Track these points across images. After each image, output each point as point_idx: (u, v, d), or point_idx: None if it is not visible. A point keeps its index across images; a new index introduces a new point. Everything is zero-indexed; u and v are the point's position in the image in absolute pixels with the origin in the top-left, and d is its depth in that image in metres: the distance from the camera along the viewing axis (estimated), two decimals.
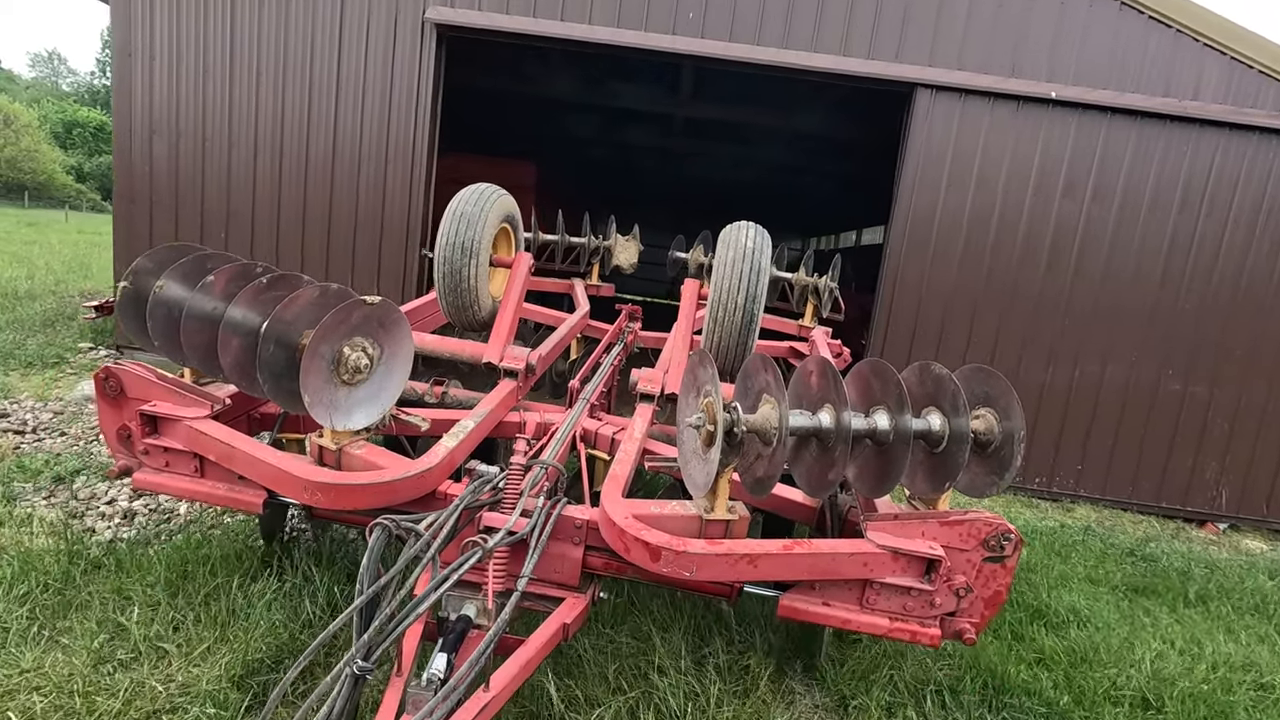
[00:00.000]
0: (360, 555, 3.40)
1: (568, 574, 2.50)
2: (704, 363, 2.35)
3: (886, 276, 6.59)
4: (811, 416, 2.33)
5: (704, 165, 14.55)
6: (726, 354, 3.56)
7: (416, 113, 6.60)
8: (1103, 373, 6.54)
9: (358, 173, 6.74)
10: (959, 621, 2.36)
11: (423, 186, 6.72)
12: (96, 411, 2.86)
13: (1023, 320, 6.56)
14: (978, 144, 6.39)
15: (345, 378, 2.50)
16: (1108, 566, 4.95)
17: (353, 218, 6.79)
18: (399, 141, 6.65)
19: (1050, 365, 6.56)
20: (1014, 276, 6.51)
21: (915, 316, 6.62)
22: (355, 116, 6.68)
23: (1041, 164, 6.40)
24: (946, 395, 2.38)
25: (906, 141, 6.44)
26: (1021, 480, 6.50)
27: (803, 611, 2.40)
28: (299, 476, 2.38)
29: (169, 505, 4.05)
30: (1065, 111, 6.31)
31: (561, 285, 5.69)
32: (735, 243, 3.58)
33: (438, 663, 2.01)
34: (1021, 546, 2.32)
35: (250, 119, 6.75)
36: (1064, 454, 6.64)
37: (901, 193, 6.48)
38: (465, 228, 3.60)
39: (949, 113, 6.34)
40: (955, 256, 6.52)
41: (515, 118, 11.92)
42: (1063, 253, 6.49)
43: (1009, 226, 6.47)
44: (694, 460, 2.38)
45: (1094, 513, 6.43)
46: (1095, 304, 6.52)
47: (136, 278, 2.87)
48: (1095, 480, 6.65)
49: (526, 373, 3.44)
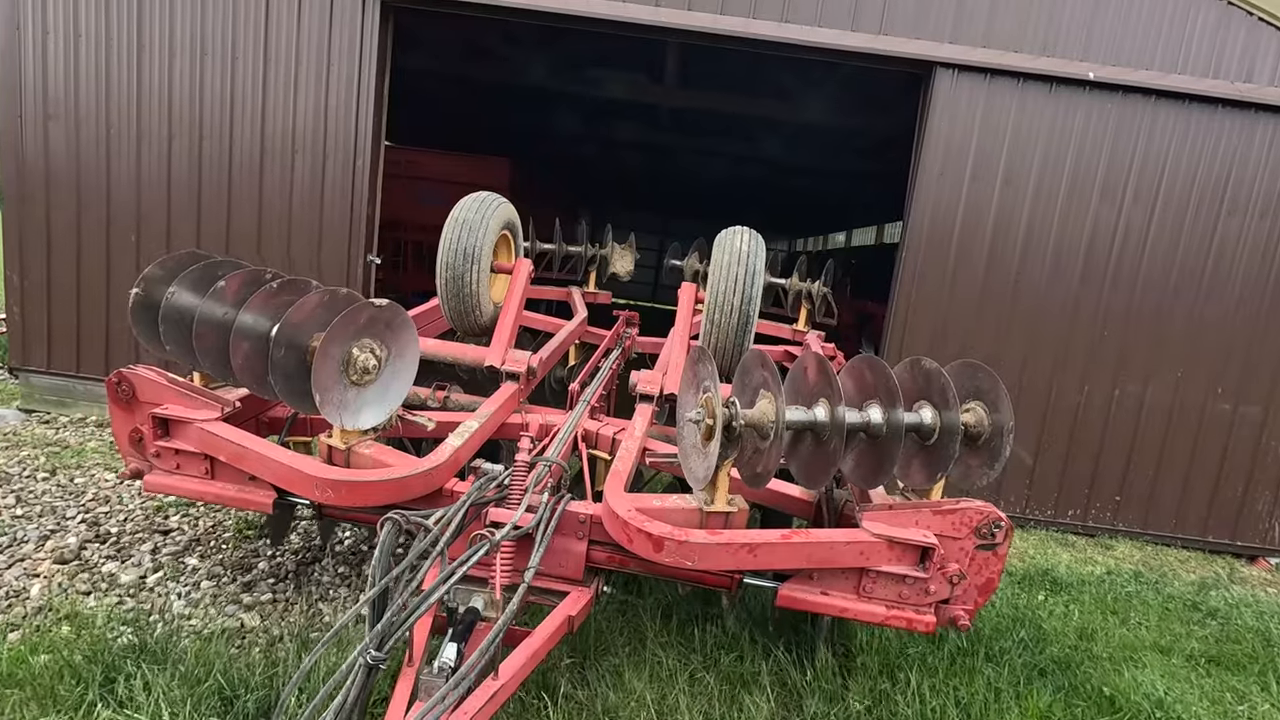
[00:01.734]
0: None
1: (572, 568, 2.57)
2: (703, 359, 2.43)
3: (902, 283, 5.69)
4: (807, 411, 2.41)
5: (692, 163, 13.71)
6: (723, 355, 3.65)
7: (359, 97, 5.64)
8: (1144, 393, 5.73)
9: (290, 167, 5.76)
10: (953, 608, 2.43)
11: (367, 183, 5.73)
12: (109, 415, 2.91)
13: (1055, 333, 5.70)
14: (1005, 132, 5.50)
15: (354, 378, 2.57)
16: (1174, 627, 4.30)
17: (285, 219, 5.82)
18: (338, 131, 5.69)
19: (1085, 384, 5.74)
20: (1045, 283, 5.65)
21: (933, 327, 5.73)
22: (287, 101, 5.68)
23: (1077, 155, 5.53)
24: (937, 389, 2.46)
25: (924, 130, 5.55)
26: (1054, 514, 5.84)
27: (801, 600, 2.47)
28: (311, 474, 2.45)
29: (19, 585, 3.27)
30: (1104, 95, 5.47)
31: (559, 293, 5.77)
32: (730, 247, 3.67)
33: (449, 652, 2.07)
34: (1012, 533, 2.40)
35: (163, 103, 5.72)
36: (1101, 484, 5.86)
37: (919, 189, 5.60)
38: (467, 234, 3.69)
39: (973, 96, 5.48)
40: (979, 260, 5.65)
41: (487, 110, 11.10)
42: (1099, 257, 5.64)
43: (1041, 226, 5.61)
44: (694, 454, 2.45)
45: (1135, 550, 5.72)
46: (1136, 315, 5.69)
47: (147, 284, 2.94)
48: (1136, 513, 5.88)
49: (528, 375, 3.51)
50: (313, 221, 5.82)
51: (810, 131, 9.62)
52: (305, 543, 4.03)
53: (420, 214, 9.35)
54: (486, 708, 2.01)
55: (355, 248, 5.82)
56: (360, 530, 4.15)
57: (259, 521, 4.04)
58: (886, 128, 8.24)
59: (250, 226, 5.88)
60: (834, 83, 7.49)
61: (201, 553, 3.79)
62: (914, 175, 5.61)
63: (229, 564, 3.70)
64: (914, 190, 5.59)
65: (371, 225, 5.85)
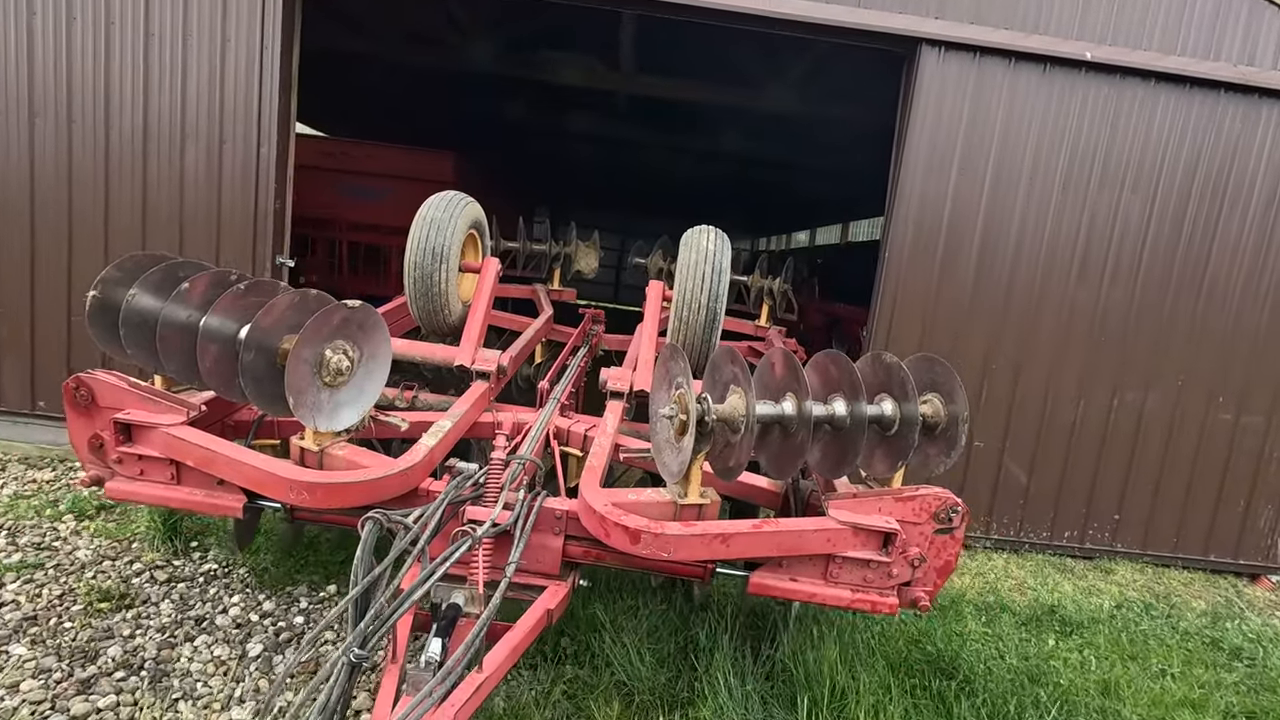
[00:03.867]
0: None
1: (549, 563, 2.61)
2: (675, 356, 2.51)
3: (884, 286, 5.13)
4: (776, 405, 2.51)
5: (654, 158, 13.15)
6: (692, 351, 3.74)
7: (262, 75, 4.91)
8: (1144, 402, 5.32)
9: (180, 155, 4.97)
10: (914, 590, 2.57)
11: (273, 174, 4.97)
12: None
13: (1050, 338, 5.25)
14: (996, 118, 5.04)
15: (327, 380, 2.57)
16: (1199, 674, 3.92)
17: (177, 216, 5.03)
18: (238, 114, 4.95)
19: (1081, 396, 5.31)
20: (1039, 284, 5.19)
21: (919, 334, 5.20)
22: (175, 78, 4.90)
23: (1074, 144, 5.09)
24: (897, 382, 2.59)
25: (908, 117, 5.03)
26: (1049, 535, 5.46)
27: (772, 588, 2.57)
28: (284, 477, 2.44)
29: None
30: (1101, 78, 5.05)
31: (524, 291, 5.78)
32: (698, 246, 3.76)
33: (434, 646, 2.11)
34: (968, 518, 2.55)
35: (22, 77, 4.88)
36: (1098, 503, 5.45)
37: (903, 182, 5.06)
38: (435, 233, 3.69)
39: (962, 78, 5.00)
40: (969, 259, 5.14)
41: (431, 100, 10.44)
42: (1096, 255, 5.19)
43: (1035, 222, 5.14)
44: (667, 449, 2.53)
45: (1136, 573, 5.33)
46: (1135, 317, 5.26)
47: (105, 287, 2.87)
48: (1134, 532, 5.50)
49: (498, 374, 3.54)
50: (208, 219, 5.06)
51: (778, 123, 9.16)
52: (178, 613, 3.38)
53: (357, 211, 8.91)
54: (472, 699, 2.05)
55: (261, 248, 5.05)
56: (251, 595, 3.60)
57: (119, 591, 3.47)
58: (860, 119, 7.89)
59: (133, 223, 5.06)
60: (805, 67, 7.06)
61: (36, 635, 3.09)
62: (896, 167, 5.09)
63: (68, 651, 3.01)
64: (897, 184, 5.08)
65: (281, 223, 5.10)
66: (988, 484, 5.32)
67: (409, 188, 8.29)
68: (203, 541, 4.08)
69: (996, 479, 5.32)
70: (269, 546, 3.95)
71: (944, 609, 4.13)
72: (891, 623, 3.76)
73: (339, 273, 9.13)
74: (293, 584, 3.75)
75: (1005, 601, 4.43)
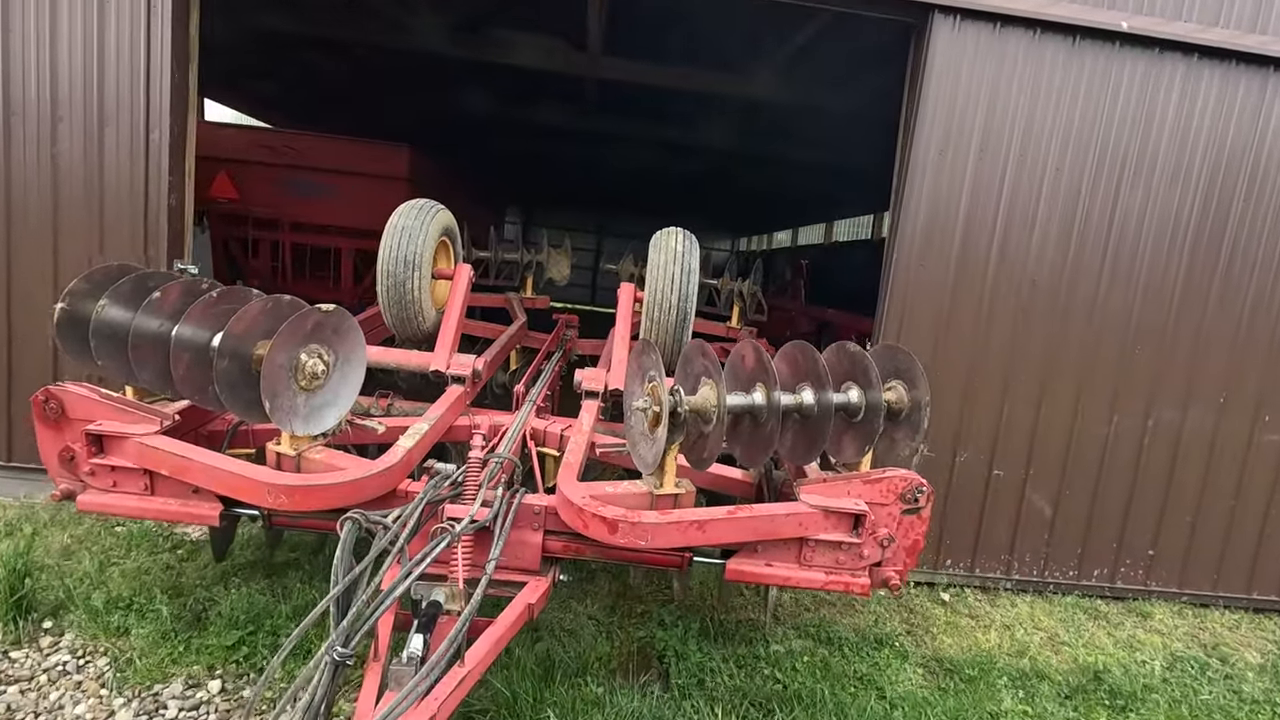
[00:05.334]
0: None
1: (529, 559, 2.65)
2: (648, 350, 2.57)
3: (892, 293, 4.41)
4: (746, 396, 2.58)
5: (625, 152, 12.12)
6: (664, 349, 3.80)
7: (150, 42, 4.11)
8: (1182, 421, 4.66)
9: (51, 140, 4.18)
10: (885, 570, 2.65)
11: (167, 163, 4.18)
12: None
13: (1079, 349, 4.55)
14: (1019, 97, 4.38)
15: (303, 384, 2.58)
16: None
17: (48, 213, 4.23)
18: (121, 90, 4.15)
19: (1114, 414, 4.61)
20: (1066, 287, 4.52)
21: (931, 346, 4.43)
22: (41, 47, 4.13)
23: (1106, 125, 4.45)
24: (861, 370, 2.69)
25: (919, 98, 4.36)
26: (1077, 575, 4.77)
27: (748, 574, 2.64)
28: (262, 481, 2.45)
29: None
30: (1136, 52, 4.42)
31: (497, 300, 5.82)
32: (666, 247, 3.84)
33: (415, 643, 2.13)
34: (933, 498, 2.64)
35: None
36: (1131, 537, 4.77)
37: (913, 173, 4.38)
38: (407, 241, 3.72)
39: (980, 52, 4.34)
40: (987, 259, 4.46)
41: (382, 89, 9.67)
42: (1130, 252, 4.54)
43: (1062, 215, 4.48)
44: (642, 441, 2.59)
45: (1175, 616, 4.68)
46: (1174, 324, 4.60)
47: (73, 299, 2.85)
48: (1170, 569, 4.84)
49: (474, 378, 3.57)
50: (88, 217, 4.24)
51: (762, 113, 8.43)
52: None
53: (302, 210, 8.15)
54: (455, 693, 2.08)
55: (155, 252, 4.22)
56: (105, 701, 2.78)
57: None
58: (850, 108, 7.24)
59: None
60: (795, 49, 6.34)
61: None
62: (906, 156, 4.41)
63: None
64: (905, 174, 4.40)
65: (180, 221, 4.33)
66: (1008, 518, 4.63)
67: (360, 184, 7.93)
68: (60, 621, 3.18)
69: (1018, 512, 4.62)
70: (146, 621, 3.18)
71: (973, 681, 3.53)
72: (914, 702, 3.26)
73: (283, 277, 8.35)
74: (164, 679, 2.89)
75: (1041, 666, 3.81)
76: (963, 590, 4.62)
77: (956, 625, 4.17)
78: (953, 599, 4.50)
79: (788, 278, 11.09)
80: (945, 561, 4.62)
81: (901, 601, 4.33)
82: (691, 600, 3.94)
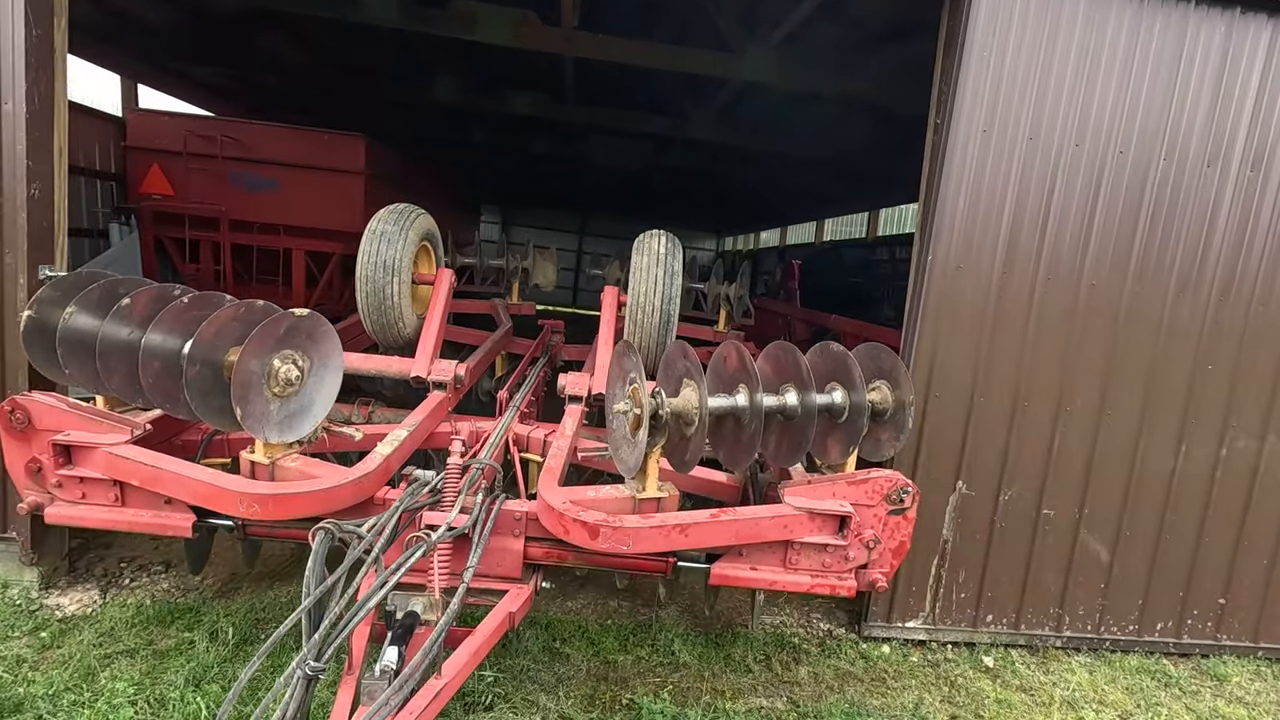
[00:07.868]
0: None
1: (510, 566, 2.60)
2: (628, 352, 2.53)
3: (926, 301, 3.68)
4: (729, 397, 2.54)
5: (602, 145, 11.34)
6: (648, 352, 3.77)
7: None
8: (1260, 450, 4.05)
9: None
10: (871, 572, 2.62)
11: (24, 145, 3.35)
12: None
13: (1142, 366, 3.91)
14: (1077, 66, 3.66)
15: (276, 390, 2.53)
16: None
17: None
18: None
19: (1183, 441, 4.00)
20: (1129, 294, 3.84)
21: (973, 362, 3.76)
22: None
23: (1180, 100, 3.74)
24: (845, 371, 2.66)
25: (958, 67, 3.59)
26: (1137, 629, 4.14)
27: (733, 578, 2.59)
28: (235, 490, 2.39)
29: None
30: (1215, 13, 3.72)
31: (483, 306, 5.78)
32: (649, 249, 3.81)
33: (389, 655, 2.07)
34: (919, 498, 2.61)
35: None
36: (1199, 583, 4.16)
37: (951, 157, 3.63)
38: (386, 246, 3.67)
39: (1030, 9, 3.60)
40: (1035, 258, 3.76)
41: (341, 75, 8.81)
42: (1201, 256, 3.87)
43: (1124, 210, 3.79)
44: (624, 444, 2.54)
45: (1254, 678, 4.08)
46: (1251, 341, 3.95)
47: (40, 307, 2.79)
48: (1245, 620, 4.25)
49: (455, 384, 3.52)
50: None
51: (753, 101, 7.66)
52: None
53: (246, 206, 7.48)
54: (432, 706, 2.02)
55: (12, 258, 3.42)
56: None
57: None
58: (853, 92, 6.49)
59: None
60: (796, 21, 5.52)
61: None
62: (942, 137, 3.65)
63: None
64: (941, 162, 3.64)
65: (46, 215, 3.52)
66: (1058, 565, 3.98)
67: (311, 178, 7.41)
68: None
69: (1070, 558, 3.99)
70: None
71: None
72: None
73: (224, 281, 7.64)
74: None
75: None
76: (1007, 652, 3.96)
77: (1009, 704, 3.49)
78: (998, 664, 3.85)
79: (778, 279, 10.98)
80: (986, 617, 4.00)
81: (940, 671, 3.72)
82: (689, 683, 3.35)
